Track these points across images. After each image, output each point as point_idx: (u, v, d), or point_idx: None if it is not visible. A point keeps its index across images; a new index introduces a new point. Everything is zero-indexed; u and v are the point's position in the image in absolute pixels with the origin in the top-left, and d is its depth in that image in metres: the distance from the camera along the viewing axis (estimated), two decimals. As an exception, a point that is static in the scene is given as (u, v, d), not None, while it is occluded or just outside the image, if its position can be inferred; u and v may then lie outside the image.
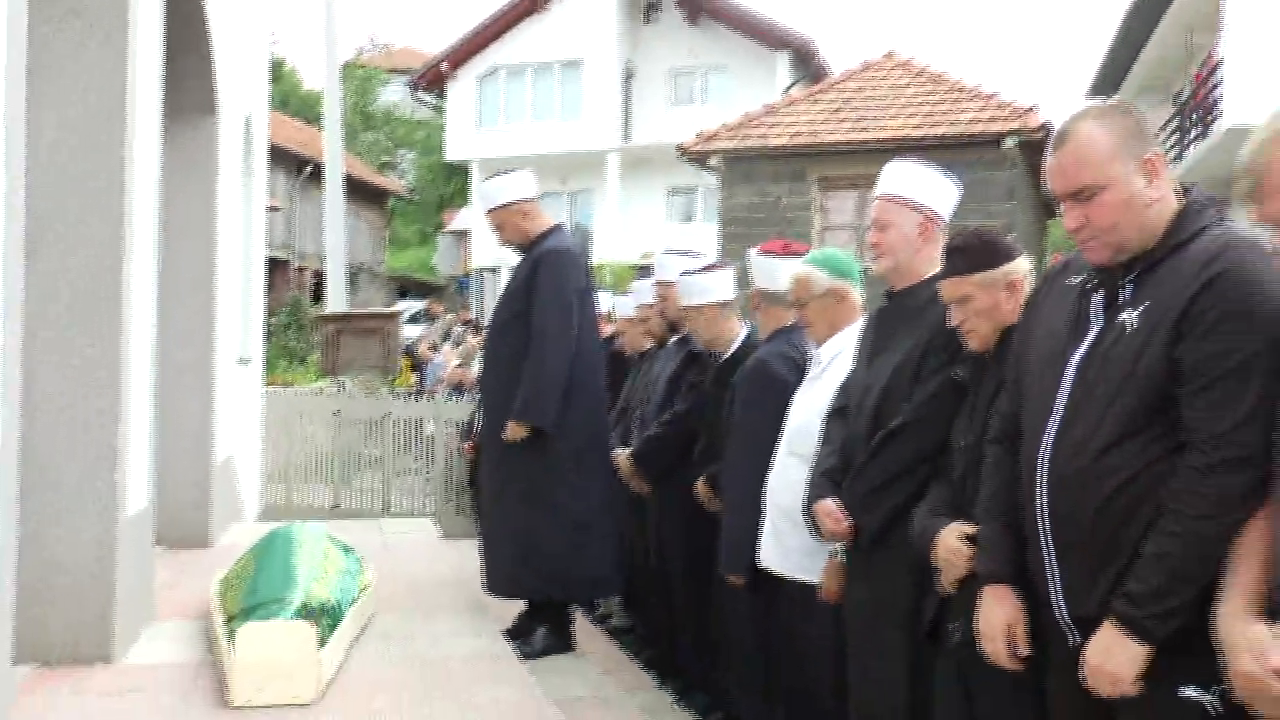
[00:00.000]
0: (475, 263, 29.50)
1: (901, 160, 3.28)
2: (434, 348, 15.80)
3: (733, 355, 4.55)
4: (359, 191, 29.80)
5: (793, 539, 3.50)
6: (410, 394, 11.66)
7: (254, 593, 3.80)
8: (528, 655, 4.49)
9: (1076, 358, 2.19)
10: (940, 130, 15.15)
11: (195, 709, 3.37)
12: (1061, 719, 2.31)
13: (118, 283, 3.91)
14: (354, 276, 20.07)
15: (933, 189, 3.17)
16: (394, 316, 11.33)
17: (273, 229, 18.69)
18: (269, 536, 4.38)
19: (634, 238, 27.00)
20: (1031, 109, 15.06)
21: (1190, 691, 2.01)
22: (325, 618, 3.65)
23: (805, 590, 3.52)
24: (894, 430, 2.97)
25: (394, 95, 38.59)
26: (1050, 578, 2.20)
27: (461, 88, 29.29)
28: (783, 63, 26.21)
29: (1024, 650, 2.33)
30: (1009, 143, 14.78)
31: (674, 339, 5.31)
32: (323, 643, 3.55)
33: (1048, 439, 2.20)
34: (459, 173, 33.37)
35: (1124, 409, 2.09)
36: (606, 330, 6.12)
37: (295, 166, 28.64)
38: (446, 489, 10.12)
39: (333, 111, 16.64)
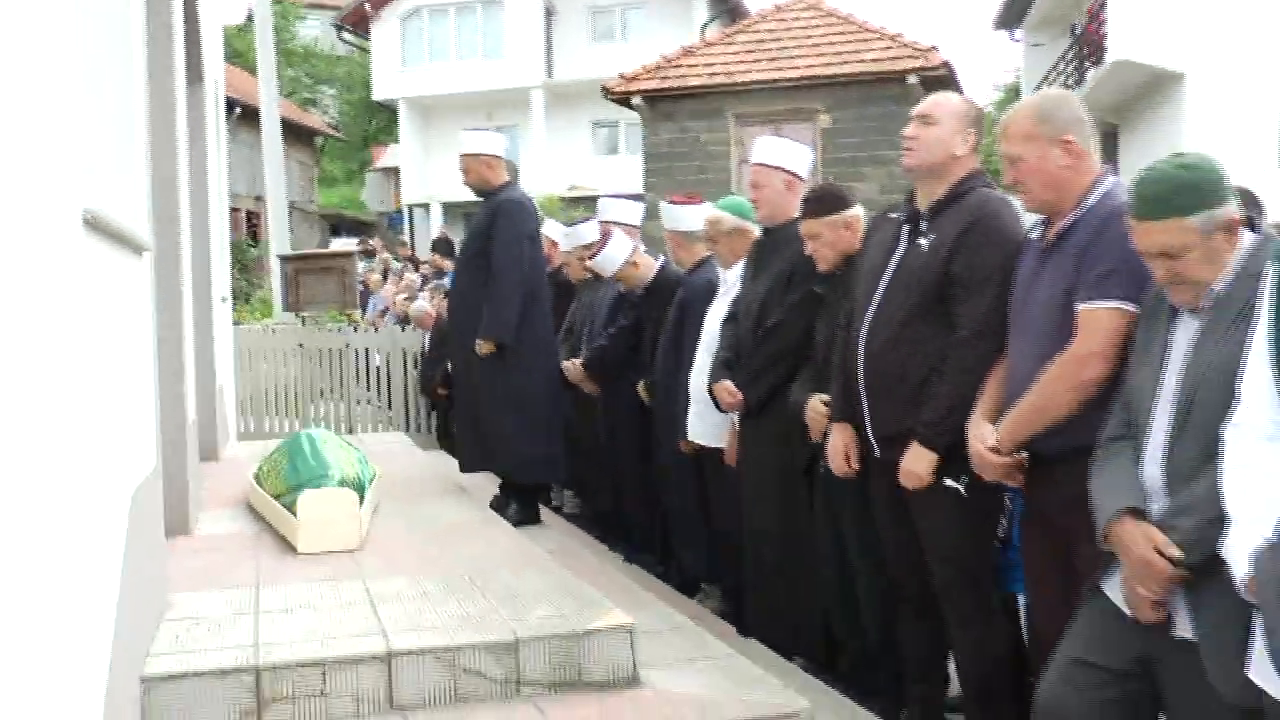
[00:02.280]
0: (406, 199, 30.09)
1: (767, 136, 4.48)
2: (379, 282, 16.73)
3: (655, 280, 5.75)
4: (288, 131, 29.66)
5: (709, 416, 4.72)
6: (357, 326, 12.56)
7: (296, 474, 4.88)
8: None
9: (890, 266, 3.38)
10: (848, 69, 15.96)
11: (271, 557, 4.44)
12: (879, 505, 3.52)
13: (176, 230, 4.92)
14: (287, 215, 20.67)
15: (792, 155, 4.36)
16: (350, 255, 12.29)
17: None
18: (294, 438, 5.43)
19: (561, 170, 27.79)
20: (933, 48, 15.90)
21: (948, 481, 3.23)
22: (356, 489, 4.76)
23: (719, 454, 4.75)
24: (770, 328, 4.17)
25: (310, 31, 38.49)
26: (864, 411, 3.41)
27: (385, 27, 29.59)
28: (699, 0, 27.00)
29: (855, 463, 3.53)
30: (912, 80, 15.58)
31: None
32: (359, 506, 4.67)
33: (866, 320, 3.38)
34: (384, 111, 33.68)
35: (915, 301, 3.28)
36: (556, 259, 7.18)
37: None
38: (407, 410, 11.20)
39: (266, 56, 16.97)
